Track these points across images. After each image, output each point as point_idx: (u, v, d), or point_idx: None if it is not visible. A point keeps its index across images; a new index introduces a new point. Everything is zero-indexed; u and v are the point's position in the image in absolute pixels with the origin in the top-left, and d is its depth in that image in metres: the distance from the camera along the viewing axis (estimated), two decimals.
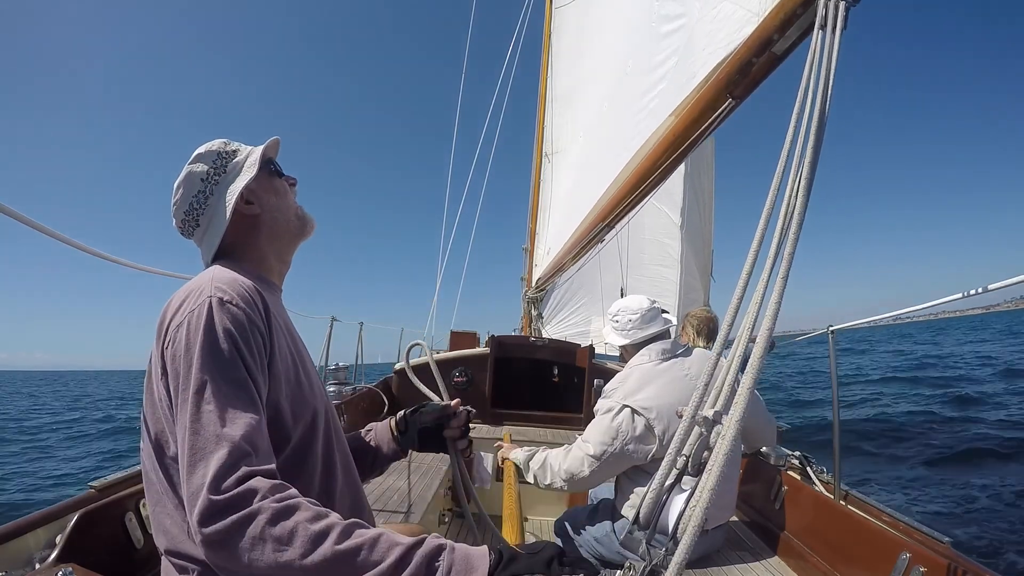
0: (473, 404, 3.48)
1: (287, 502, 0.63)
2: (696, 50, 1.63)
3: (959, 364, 16.55)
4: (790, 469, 1.91)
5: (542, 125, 6.44)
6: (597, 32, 4.28)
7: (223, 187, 0.93)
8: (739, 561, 1.61)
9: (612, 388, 1.67)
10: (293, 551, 0.59)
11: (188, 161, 0.95)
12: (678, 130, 1.76)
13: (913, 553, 1.18)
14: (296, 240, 1.02)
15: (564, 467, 1.64)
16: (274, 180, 0.99)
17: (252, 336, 0.77)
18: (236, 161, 0.96)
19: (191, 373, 0.71)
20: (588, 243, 3.30)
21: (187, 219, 0.94)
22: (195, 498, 0.62)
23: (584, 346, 3.53)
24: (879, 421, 8.56)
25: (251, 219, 0.95)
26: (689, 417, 0.77)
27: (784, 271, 0.75)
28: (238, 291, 0.79)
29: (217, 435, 0.66)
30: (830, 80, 0.84)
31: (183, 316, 0.75)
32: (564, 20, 6.05)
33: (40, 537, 1.07)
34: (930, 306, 1.51)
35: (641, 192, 2.22)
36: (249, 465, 0.65)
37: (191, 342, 0.73)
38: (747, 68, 1.33)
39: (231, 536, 0.60)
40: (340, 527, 0.63)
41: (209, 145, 0.96)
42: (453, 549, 0.64)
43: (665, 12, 2.03)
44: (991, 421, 7.96)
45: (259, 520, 0.60)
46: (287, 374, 0.84)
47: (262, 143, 1.00)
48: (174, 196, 0.94)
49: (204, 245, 0.95)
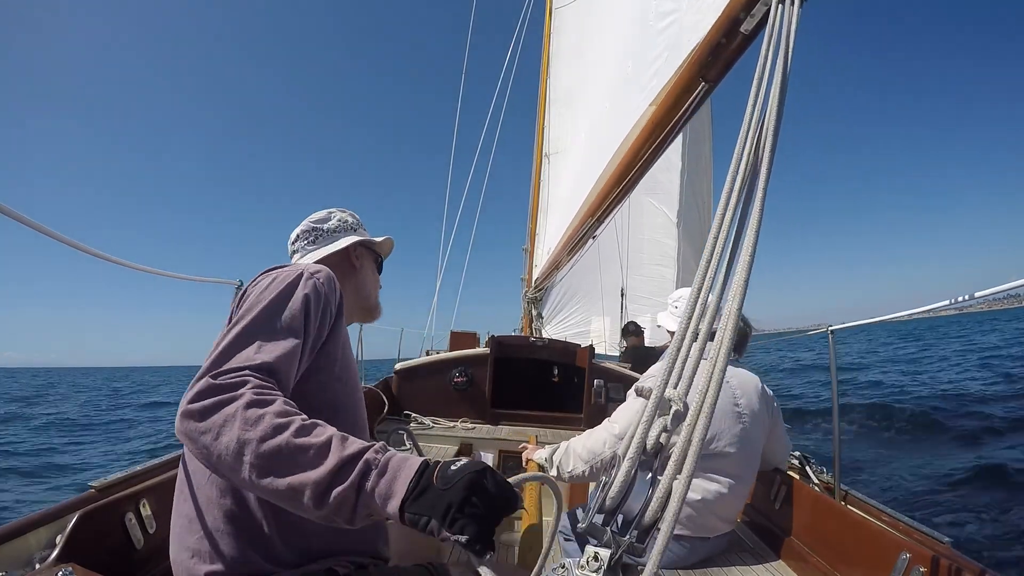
0: (473, 404, 3.49)
1: (267, 394, 0.69)
2: (683, 42, 1.63)
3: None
4: (789, 469, 1.91)
5: (542, 125, 6.44)
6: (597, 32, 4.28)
7: (350, 234, 1.19)
8: (739, 562, 1.61)
9: (651, 375, 1.69)
10: (253, 432, 0.63)
11: (341, 209, 1.22)
12: (656, 118, 1.77)
13: (913, 553, 1.17)
14: (363, 315, 1.23)
15: (587, 446, 1.64)
16: (375, 267, 1.25)
17: (325, 308, 0.88)
18: (368, 234, 1.24)
19: (259, 304, 0.81)
20: (581, 238, 3.31)
21: (312, 233, 1.17)
22: (198, 379, 0.69)
23: (584, 346, 3.53)
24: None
25: (350, 267, 1.18)
26: (654, 400, 0.74)
27: (750, 246, 0.75)
28: (328, 277, 0.92)
29: (248, 357, 0.73)
30: (789, 53, 0.84)
31: (274, 274, 0.90)
32: (564, 20, 6.05)
33: (40, 537, 1.07)
34: (924, 311, 1.57)
35: (627, 184, 2.23)
36: (258, 373, 0.72)
37: (270, 288, 0.84)
38: (718, 50, 1.32)
39: (208, 410, 0.66)
40: (300, 423, 0.66)
41: (356, 216, 1.24)
42: (383, 471, 0.63)
43: (661, 9, 2.03)
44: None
45: (238, 402, 0.66)
46: (344, 357, 0.96)
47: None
48: (315, 215, 1.19)
49: (307, 254, 1.15)
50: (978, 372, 13.06)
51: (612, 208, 2.59)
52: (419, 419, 3.12)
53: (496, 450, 2.97)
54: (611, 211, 2.65)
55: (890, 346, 28.36)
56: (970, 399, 9.16)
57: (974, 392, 9.80)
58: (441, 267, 7.54)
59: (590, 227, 2.98)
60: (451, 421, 3.15)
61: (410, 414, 3.17)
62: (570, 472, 1.67)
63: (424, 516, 0.60)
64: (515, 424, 3.26)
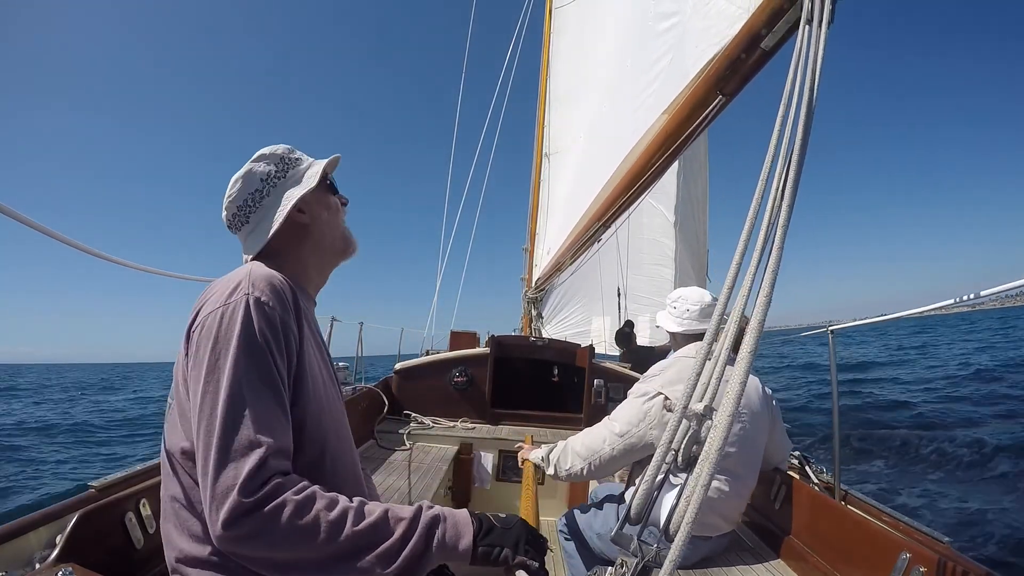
0: (473, 404, 3.49)
1: (304, 493, 0.70)
2: (689, 47, 1.63)
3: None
4: (789, 469, 1.91)
5: (542, 125, 6.45)
6: (596, 32, 4.29)
7: (280, 191, 0.95)
8: (739, 562, 1.61)
9: (652, 375, 1.68)
10: (319, 538, 0.67)
11: (251, 159, 0.96)
12: (670, 128, 1.76)
13: (913, 553, 1.17)
14: (338, 258, 1.05)
15: (586, 443, 1.64)
16: (329, 196, 1.01)
17: (285, 338, 0.80)
18: (298, 169, 0.98)
19: (222, 370, 0.72)
20: (585, 243, 3.30)
21: (239, 214, 0.95)
22: (224, 498, 0.66)
23: (584, 346, 3.53)
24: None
25: (300, 228, 0.96)
26: (679, 411, 0.77)
27: (774, 263, 0.75)
28: (274, 291, 0.80)
29: (249, 440, 0.69)
30: (817, 74, 0.84)
31: (216, 306, 0.77)
32: (564, 20, 6.06)
33: (40, 537, 1.07)
34: (927, 310, 1.55)
35: (636, 191, 2.22)
36: (272, 467, 0.70)
37: (222, 336, 0.74)
38: (736, 65, 1.32)
39: (259, 532, 0.66)
40: (354, 510, 0.71)
41: (274, 148, 0.98)
42: (445, 519, 0.76)
43: (661, 10, 2.03)
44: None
45: (285, 513, 0.66)
46: (314, 376, 0.87)
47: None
48: (230, 189, 0.95)
49: (248, 243, 0.95)
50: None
51: (620, 213, 2.59)
52: (419, 419, 3.12)
53: (496, 450, 2.98)
54: (618, 216, 2.65)
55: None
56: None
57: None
58: (441, 267, 7.55)
59: (596, 231, 2.97)
60: (451, 421, 3.16)
61: (410, 414, 3.17)
62: (568, 470, 1.67)
63: (497, 547, 0.76)
64: (515, 424, 3.27)
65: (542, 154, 6.40)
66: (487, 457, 2.97)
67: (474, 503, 3.02)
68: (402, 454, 2.65)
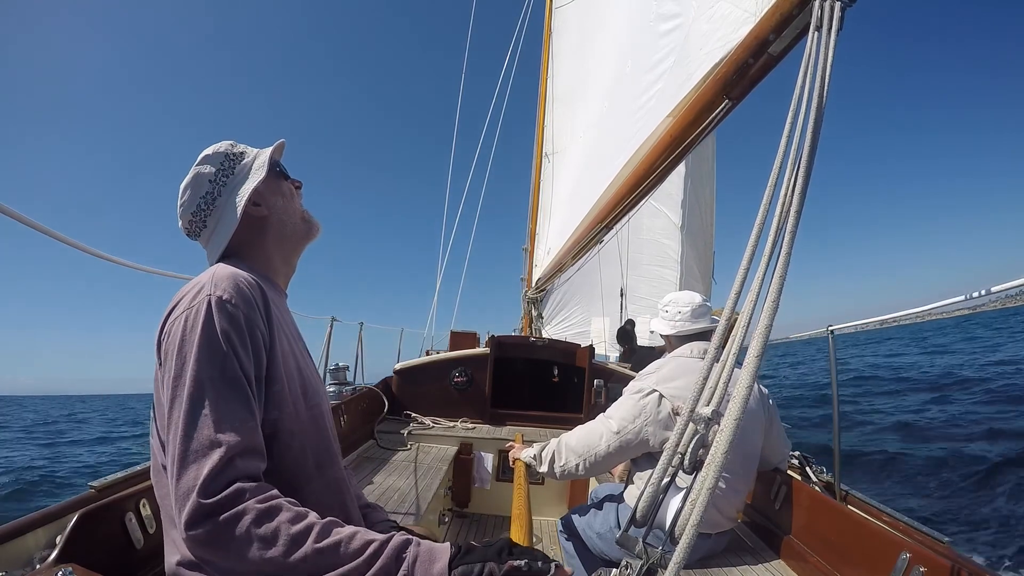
0: (473, 404, 3.49)
1: (270, 503, 0.67)
2: (693, 50, 1.63)
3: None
4: (789, 469, 1.91)
5: (542, 125, 6.45)
6: (597, 31, 4.28)
7: (231, 189, 0.93)
8: (739, 562, 1.61)
9: (647, 373, 1.69)
10: (276, 550, 0.64)
11: (195, 163, 0.94)
12: (675, 132, 1.76)
13: (913, 553, 1.17)
14: (302, 243, 1.03)
15: (582, 440, 1.64)
16: (281, 183, 1.00)
17: (251, 335, 0.78)
18: (244, 163, 0.96)
19: (186, 372, 0.71)
20: (587, 244, 3.30)
21: (194, 220, 0.94)
22: (185, 499, 0.65)
23: (584, 346, 3.53)
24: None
25: (258, 221, 0.95)
26: (686, 414, 0.77)
27: (782, 268, 0.75)
28: (237, 289, 0.79)
29: (210, 439, 0.68)
30: (826, 81, 0.84)
31: (181, 311, 0.76)
32: (564, 20, 6.05)
33: (40, 537, 1.07)
34: (933, 308, 1.55)
35: (639, 194, 2.22)
36: (238, 468, 0.68)
37: (186, 340, 0.73)
38: (744, 69, 1.32)
39: (218, 537, 0.64)
40: (319, 526, 0.67)
41: (216, 147, 0.96)
42: (419, 543, 0.69)
43: (663, 11, 2.03)
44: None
45: (244, 521, 0.64)
46: (288, 374, 0.85)
47: (263, 146, 1.01)
48: (180, 197, 0.94)
49: (211, 246, 0.94)
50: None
51: (623, 215, 2.59)
52: (419, 419, 3.12)
53: (496, 450, 2.98)
54: (621, 219, 2.65)
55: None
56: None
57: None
58: (441, 267, 7.55)
59: (598, 233, 2.97)
60: (451, 421, 3.16)
61: (410, 414, 3.17)
62: (563, 467, 1.67)
63: (477, 564, 0.67)
64: (515, 424, 3.27)
65: (542, 154, 6.40)
66: (487, 457, 2.97)
67: (474, 503, 3.02)
68: (402, 454, 2.66)
